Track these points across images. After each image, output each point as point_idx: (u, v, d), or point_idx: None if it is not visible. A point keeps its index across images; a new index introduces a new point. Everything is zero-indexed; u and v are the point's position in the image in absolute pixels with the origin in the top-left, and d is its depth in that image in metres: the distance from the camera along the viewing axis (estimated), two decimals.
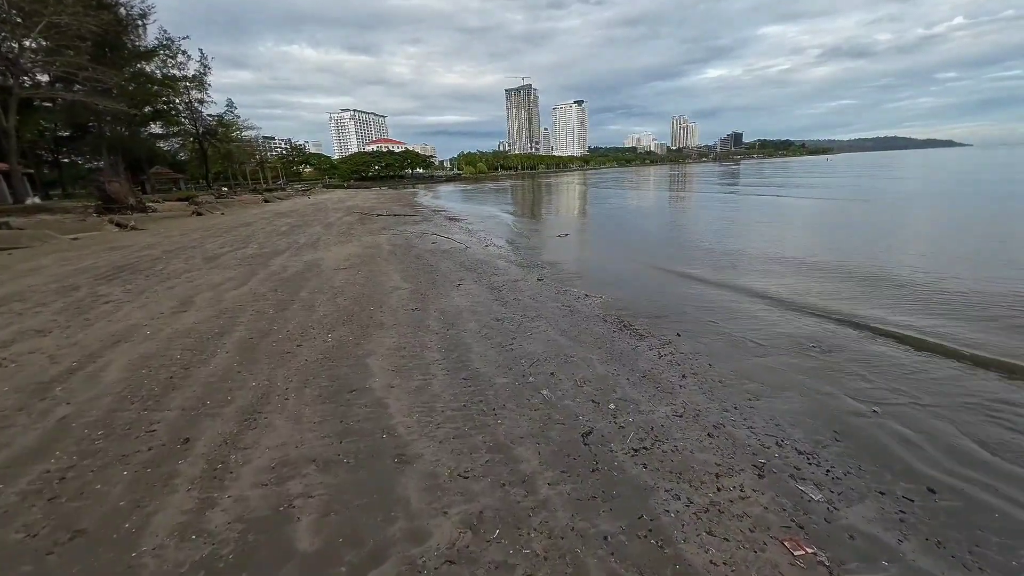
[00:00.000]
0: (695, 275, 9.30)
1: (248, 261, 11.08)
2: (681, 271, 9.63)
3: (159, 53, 50.55)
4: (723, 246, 12.56)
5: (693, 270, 9.82)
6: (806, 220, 18.02)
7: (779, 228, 15.77)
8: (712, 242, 13.34)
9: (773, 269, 9.72)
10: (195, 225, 20.48)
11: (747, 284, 8.49)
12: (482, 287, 8.41)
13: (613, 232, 16.74)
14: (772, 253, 11.32)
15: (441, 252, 12.49)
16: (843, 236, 13.67)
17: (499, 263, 10.88)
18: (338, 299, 7.57)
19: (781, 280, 8.76)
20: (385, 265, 10.54)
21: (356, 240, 14.78)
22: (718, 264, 10.40)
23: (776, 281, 8.68)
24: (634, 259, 11.30)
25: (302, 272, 9.74)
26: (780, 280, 8.76)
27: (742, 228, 16.32)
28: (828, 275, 8.98)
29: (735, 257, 11.10)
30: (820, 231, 15.18)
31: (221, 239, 15.35)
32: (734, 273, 9.47)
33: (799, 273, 9.27)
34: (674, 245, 13.34)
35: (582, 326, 6.22)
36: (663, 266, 10.37)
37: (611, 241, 14.76)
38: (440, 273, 9.64)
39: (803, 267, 9.76)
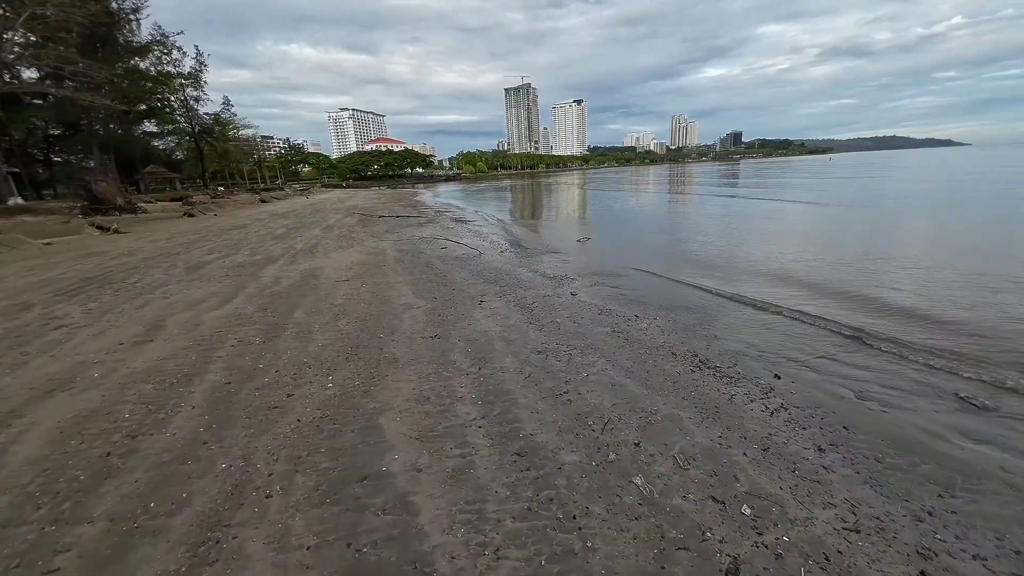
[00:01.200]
0: (753, 298, 8.00)
1: (237, 271, 9.77)
2: (731, 292, 8.34)
3: (153, 49, 49.17)
4: (768, 258, 11.29)
5: (746, 288, 8.53)
6: (826, 225, 16.75)
7: (815, 235, 14.51)
8: (752, 253, 12.07)
9: (845, 288, 8.44)
10: (185, 228, 19.15)
11: (824, 311, 7.21)
12: (509, 304, 7.12)
13: (635, 238, 15.45)
14: (826, 270, 10.06)
15: (453, 259, 11.20)
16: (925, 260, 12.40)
17: (521, 273, 9.60)
18: (340, 322, 6.28)
19: (858, 297, 7.49)
20: (392, 276, 9.25)
21: (358, 245, 13.48)
22: (772, 278, 9.13)
23: (854, 299, 7.41)
24: (672, 271, 10.01)
25: (298, 285, 8.44)
26: (858, 297, 7.48)
27: (779, 237, 15.06)
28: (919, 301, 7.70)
29: (786, 271, 9.83)
30: (880, 246, 13.89)
31: (210, 244, 14.04)
32: (802, 294, 8.19)
33: (882, 284, 8.00)
34: (712, 257, 12.04)
35: (648, 362, 4.93)
36: (709, 285, 9.09)
37: (637, 248, 13.47)
38: (456, 286, 8.35)
39: (874, 277, 8.50)
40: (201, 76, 56.90)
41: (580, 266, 10.52)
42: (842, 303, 7.13)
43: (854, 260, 10.13)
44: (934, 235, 13.21)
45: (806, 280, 8.63)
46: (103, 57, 40.19)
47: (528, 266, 10.38)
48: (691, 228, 16.66)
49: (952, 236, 12.84)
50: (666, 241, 14.04)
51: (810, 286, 8.16)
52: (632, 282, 8.91)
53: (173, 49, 51.60)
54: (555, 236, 16.01)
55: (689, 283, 8.67)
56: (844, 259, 10.23)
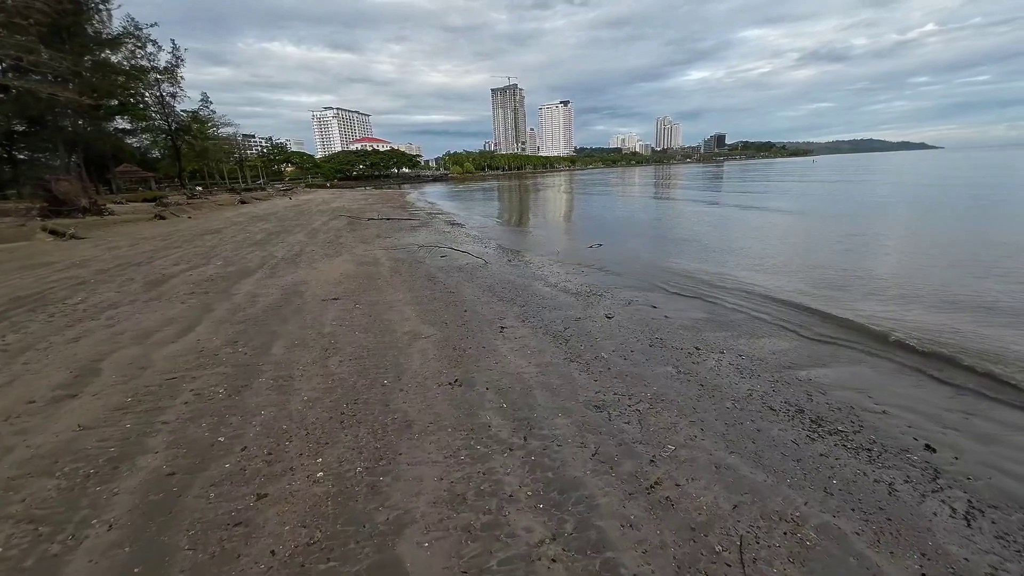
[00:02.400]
0: (835, 316, 6.89)
1: (205, 287, 8.31)
2: (794, 319, 7.21)
3: (125, 42, 46.70)
4: (809, 266, 10.26)
5: (816, 301, 7.42)
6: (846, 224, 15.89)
7: (816, 235, 13.57)
8: (785, 261, 11.04)
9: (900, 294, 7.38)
10: (153, 232, 17.44)
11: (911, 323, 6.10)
12: (537, 332, 5.87)
13: (649, 245, 14.31)
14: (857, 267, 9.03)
15: (456, 270, 9.91)
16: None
17: (538, 287, 8.35)
18: (331, 360, 4.94)
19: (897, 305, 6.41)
20: (390, 291, 7.92)
21: (347, 252, 12.08)
22: (838, 288, 8.04)
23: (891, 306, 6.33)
24: (707, 287, 8.88)
25: (278, 306, 7.05)
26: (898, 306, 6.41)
27: (802, 238, 14.09)
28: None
29: (846, 279, 8.78)
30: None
31: (178, 252, 12.47)
32: (889, 308, 7.10)
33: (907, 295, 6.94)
34: (742, 270, 10.97)
35: (747, 424, 3.72)
36: (762, 311, 7.96)
37: (655, 256, 12.32)
38: (468, 305, 7.06)
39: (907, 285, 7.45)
40: (177, 71, 54.50)
41: (602, 279, 9.31)
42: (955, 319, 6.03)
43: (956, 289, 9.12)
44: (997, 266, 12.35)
45: (875, 293, 7.56)
46: (70, 49, 37.85)
47: (544, 279, 9.13)
48: (703, 235, 15.61)
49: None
50: (683, 250, 12.92)
51: (885, 296, 7.08)
52: (670, 301, 7.72)
53: (147, 43, 49.20)
54: (561, 242, 14.79)
55: (736, 305, 7.51)
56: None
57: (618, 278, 9.51)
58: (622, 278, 9.53)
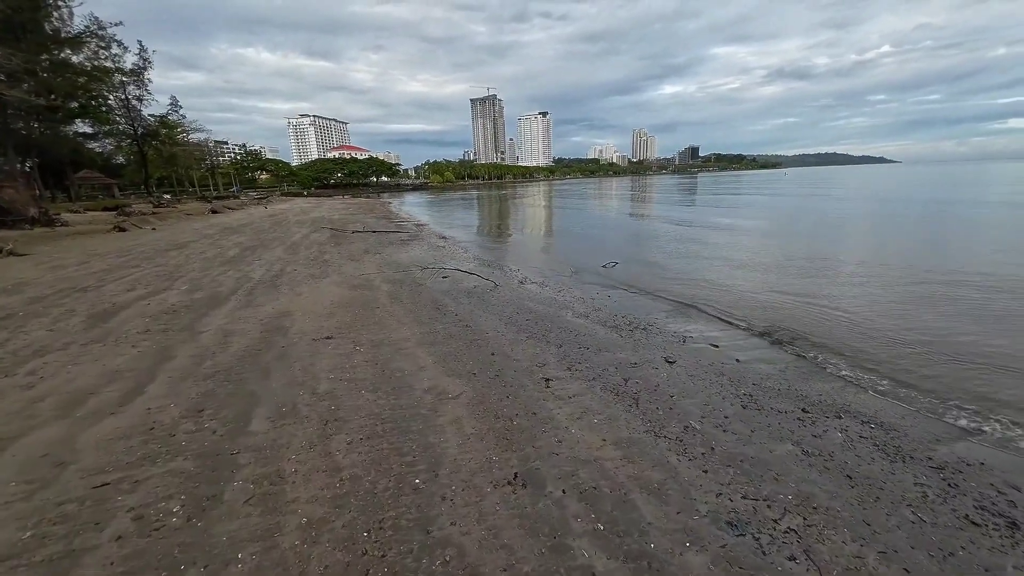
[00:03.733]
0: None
1: (165, 322, 6.79)
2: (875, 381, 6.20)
3: (87, 42, 43.93)
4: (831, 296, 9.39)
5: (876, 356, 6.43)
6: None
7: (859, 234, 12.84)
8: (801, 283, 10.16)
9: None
10: (109, 246, 15.54)
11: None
12: (592, 386, 4.65)
13: (663, 260, 13.31)
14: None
15: (464, 294, 8.63)
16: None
17: (567, 318, 7.14)
18: (334, 442, 3.60)
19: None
20: (394, 326, 6.58)
21: (335, 272, 10.64)
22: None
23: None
24: (760, 315, 7.85)
25: (256, 351, 5.62)
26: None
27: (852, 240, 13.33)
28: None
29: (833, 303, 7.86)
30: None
31: (136, 272, 10.79)
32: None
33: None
34: (788, 299, 10.04)
35: (955, 552, 2.58)
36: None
37: (676, 274, 11.29)
38: (493, 345, 5.80)
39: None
40: (144, 74, 51.80)
41: (634, 306, 8.17)
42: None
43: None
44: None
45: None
46: (26, 47, 35.20)
47: (569, 306, 7.92)
48: (719, 251, 14.73)
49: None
50: (704, 268, 11.94)
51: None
52: (730, 336, 6.60)
53: (112, 43, 46.51)
54: (571, 259, 13.65)
55: (806, 333, 6.45)
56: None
57: (651, 303, 8.39)
58: (655, 303, 8.41)
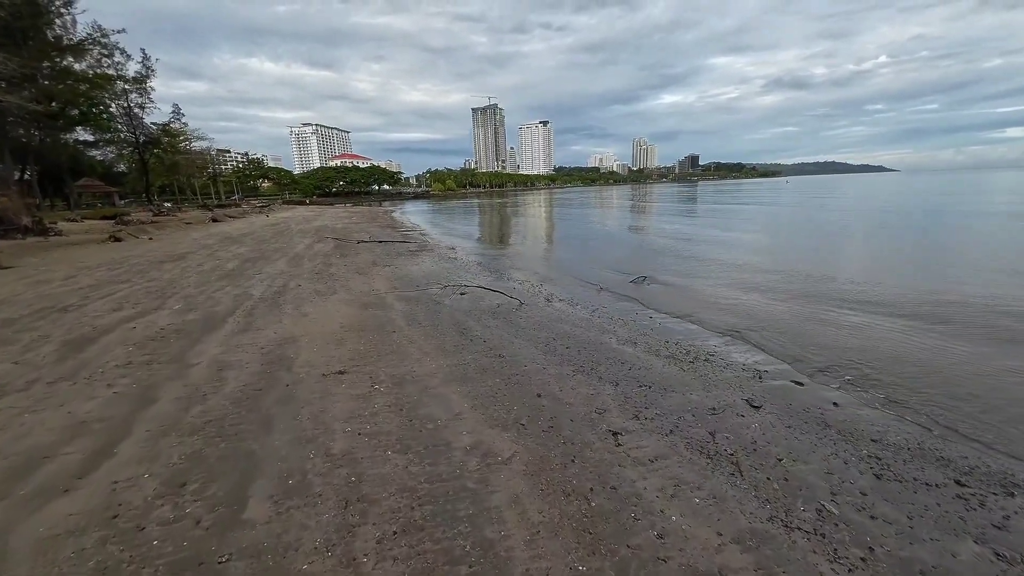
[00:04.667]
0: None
1: (151, 352, 5.88)
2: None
3: (89, 49, 43.48)
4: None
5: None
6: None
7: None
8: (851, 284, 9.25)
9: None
10: (102, 258, 14.67)
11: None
12: (673, 442, 3.73)
13: (697, 277, 12.40)
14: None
15: (489, 314, 7.73)
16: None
17: (612, 345, 6.23)
18: (357, 540, 2.67)
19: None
20: (416, 356, 5.66)
21: (343, 288, 9.75)
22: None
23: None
24: (831, 342, 6.93)
25: (255, 391, 4.70)
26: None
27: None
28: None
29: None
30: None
31: (126, 288, 9.89)
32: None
33: None
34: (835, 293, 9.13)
35: None
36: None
37: (712, 287, 10.39)
38: (536, 382, 4.88)
39: None
40: (147, 81, 51.38)
41: (685, 332, 7.24)
42: None
43: None
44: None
45: None
46: (27, 54, 34.72)
47: (610, 330, 7.00)
48: (746, 262, 13.83)
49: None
50: (742, 287, 11.04)
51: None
52: (811, 371, 5.68)
53: (115, 51, 46.11)
54: (592, 273, 12.75)
55: (905, 377, 5.53)
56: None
57: (697, 327, 7.48)
58: (702, 326, 7.50)
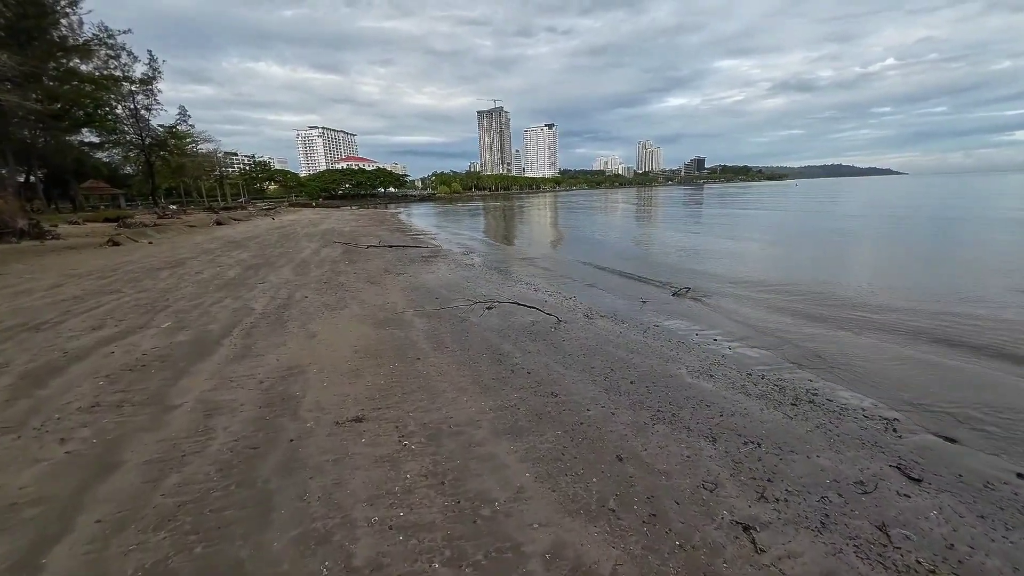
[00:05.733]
0: None
1: (125, 385, 4.83)
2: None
3: (94, 49, 42.94)
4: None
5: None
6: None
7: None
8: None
9: None
10: (95, 264, 13.72)
11: None
12: (840, 550, 2.61)
13: (748, 284, 11.28)
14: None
15: (525, 334, 6.65)
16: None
17: (687, 378, 5.12)
18: None
19: None
20: (451, 393, 4.58)
21: (355, 300, 8.70)
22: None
23: None
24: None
25: (249, 449, 3.62)
26: None
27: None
28: None
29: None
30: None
31: (112, 300, 8.89)
32: None
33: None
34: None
35: None
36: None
37: (778, 302, 9.26)
38: (608, 434, 3.78)
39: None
40: (154, 83, 50.87)
41: (763, 360, 6.12)
42: None
43: None
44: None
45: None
46: (31, 54, 34.17)
47: (677, 358, 5.88)
48: (796, 268, 12.67)
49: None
50: (799, 303, 9.90)
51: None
52: (939, 424, 4.55)
53: (122, 52, 45.61)
54: (624, 284, 11.64)
55: None
56: None
57: (772, 354, 6.34)
58: (778, 354, 6.36)
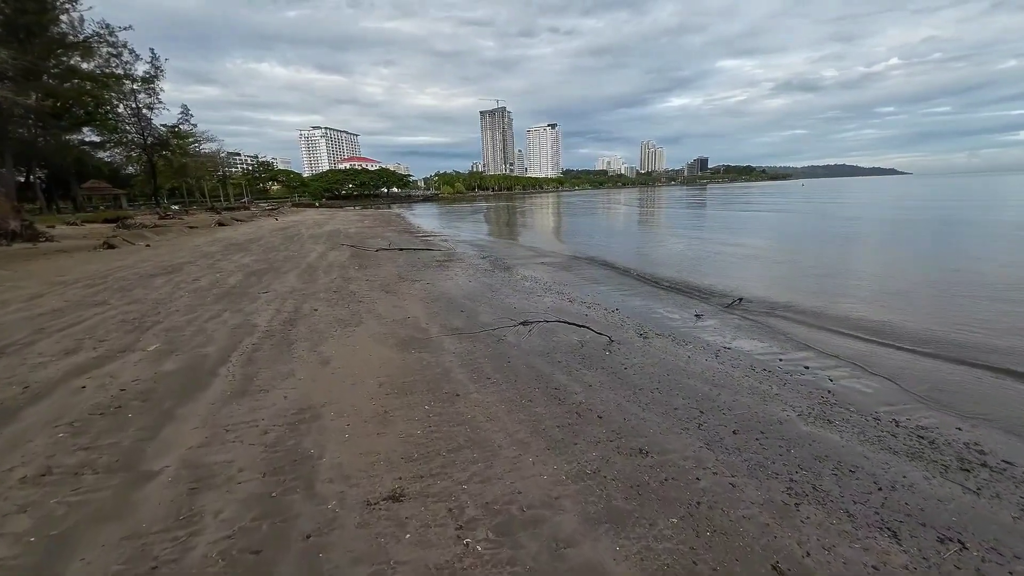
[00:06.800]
0: None
1: (90, 439, 3.77)
2: None
3: (94, 47, 41.98)
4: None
5: None
6: None
7: None
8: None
9: None
10: (84, 270, 12.70)
11: None
12: None
13: (805, 293, 10.20)
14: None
15: (577, 359, 5.57)
16: None
17: (799, 425, 4.04)
18: None
19: None
20: (511, 453, 3.50)
21: (370, 314, 7.64)
22: None
23: None
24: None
25: (249, 552, 2.56)
26: None
27: None
28: None
29: None
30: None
31: (94, 316, 7.85)
32: None
33: None
34: None
35: None
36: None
37: (849, 314, 8.17)
38: (748, 527, 2.70)
39: None
40: (156, 82, 49.97)
41: (891, 402, 5.03)
42: None
43: None
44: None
45: None
46: (30, 51, 33.28)
47: (779, 398, 4.77)
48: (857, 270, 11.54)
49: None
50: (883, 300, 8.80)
51: None
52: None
53: (123, 50, 44.68)
54: (664, 294, 10.56)
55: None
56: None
57: (893, 388, 5.23)
58: (895, 385, 5.25)
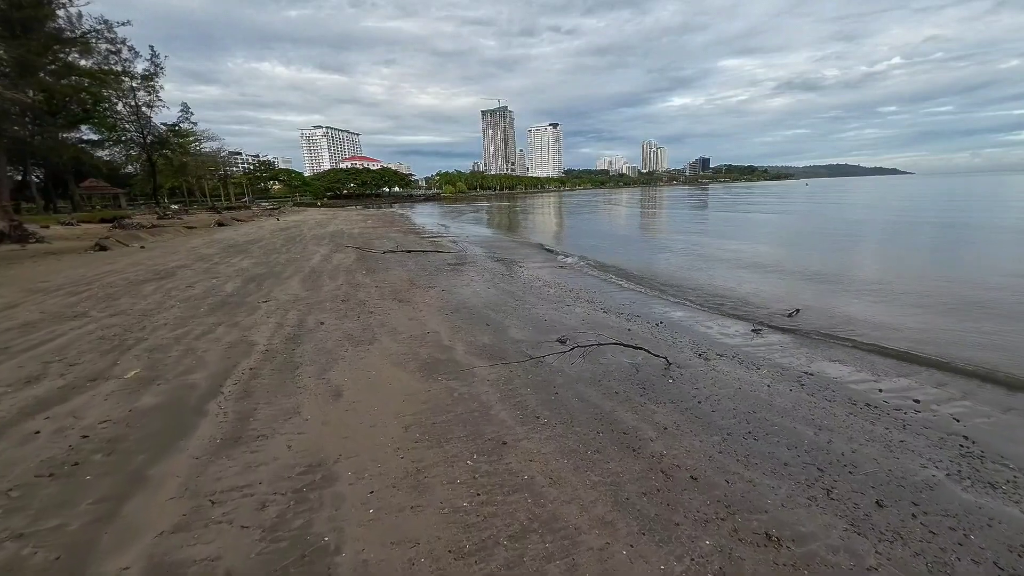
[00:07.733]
0: None
1: (35, 515, 2.82)
2: None
3: (92, 43, 40.99)
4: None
5: None
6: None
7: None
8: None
9: None
10: (70, 275, 11.74)
11: None
12: None
13: (860, 303, 9.22)
14: None
15: (637, 389, 4.62)
16: None
17: (942, 483, 3.06)
18: None
19: None
20: (592, 537, 2.53)
21: (382, 327, 6.67)
22: None
23: None
24: None
25: None
26: None
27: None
28: None
29: None
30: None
31: (70, 332, 6.89)
32: None
33: None
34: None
35: None
36: None
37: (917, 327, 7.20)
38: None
39: None
40: (155, 79, 48.99)
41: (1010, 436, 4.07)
42: None
43: None
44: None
45: None
46: (27, 46, 32.35)
47: (889, 440, 3.81)
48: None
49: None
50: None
51: None
52: None
53: (123, 47, 43.71)
54: (702, 301, 9.59)
55: None
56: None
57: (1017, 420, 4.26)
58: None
